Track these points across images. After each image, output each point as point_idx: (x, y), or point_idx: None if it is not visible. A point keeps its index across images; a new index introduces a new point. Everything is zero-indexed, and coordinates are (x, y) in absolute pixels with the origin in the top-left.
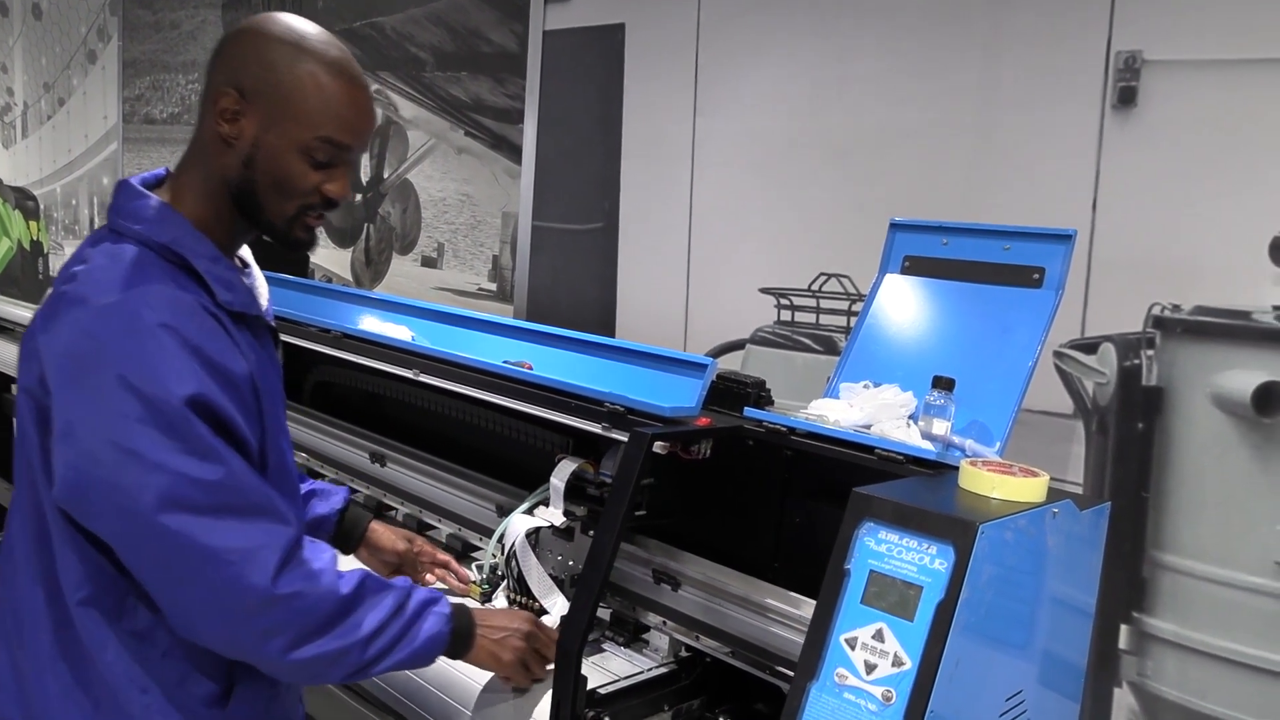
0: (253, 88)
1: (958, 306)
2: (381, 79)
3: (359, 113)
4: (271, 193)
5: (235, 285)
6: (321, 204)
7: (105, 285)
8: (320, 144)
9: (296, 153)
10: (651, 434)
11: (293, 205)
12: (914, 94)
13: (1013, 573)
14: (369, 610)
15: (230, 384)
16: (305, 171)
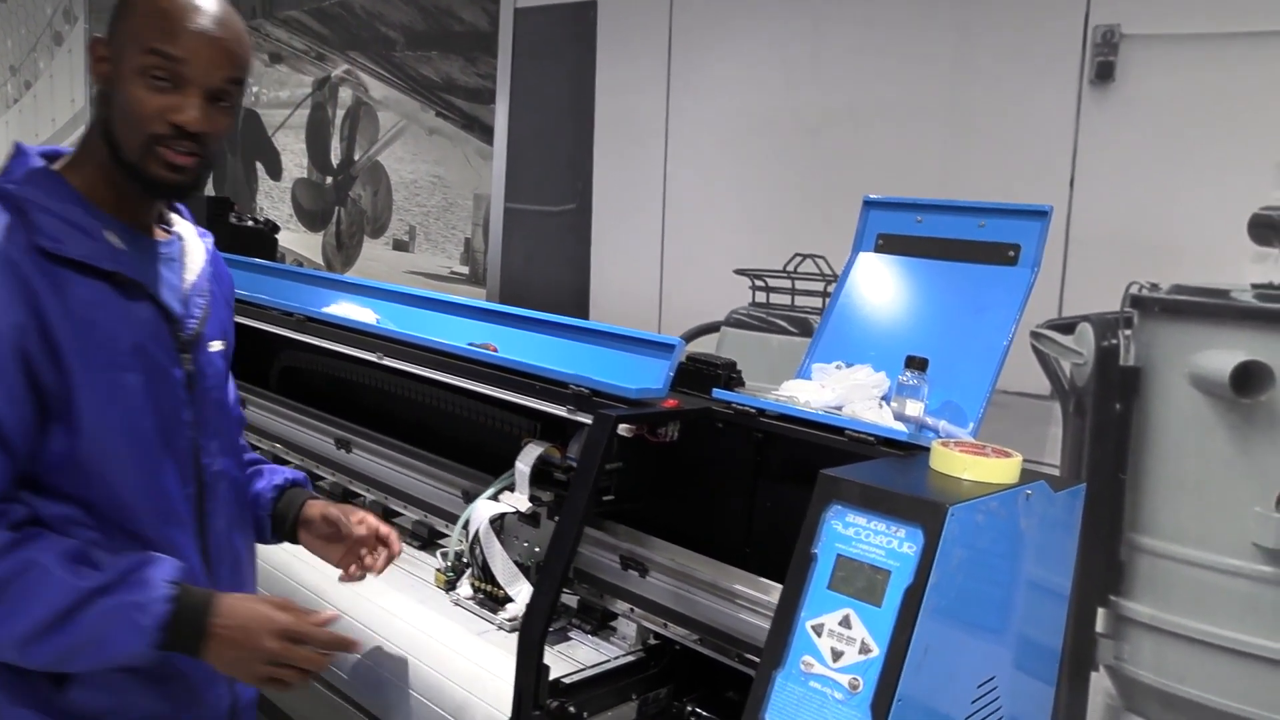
0: (110, 31)
1: (932, 285)
2: (351, 59)
3: (191, 23)
4: (123, 126)
5: (69, 236)
6: (172, 133)
7: None
8: (152, 57)
9: (136, 75)
10: (616, 416)
11: (140, 135)
12: (888, 70)
13: (984, 556)
14: (15, 613)
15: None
16: (147, 95)
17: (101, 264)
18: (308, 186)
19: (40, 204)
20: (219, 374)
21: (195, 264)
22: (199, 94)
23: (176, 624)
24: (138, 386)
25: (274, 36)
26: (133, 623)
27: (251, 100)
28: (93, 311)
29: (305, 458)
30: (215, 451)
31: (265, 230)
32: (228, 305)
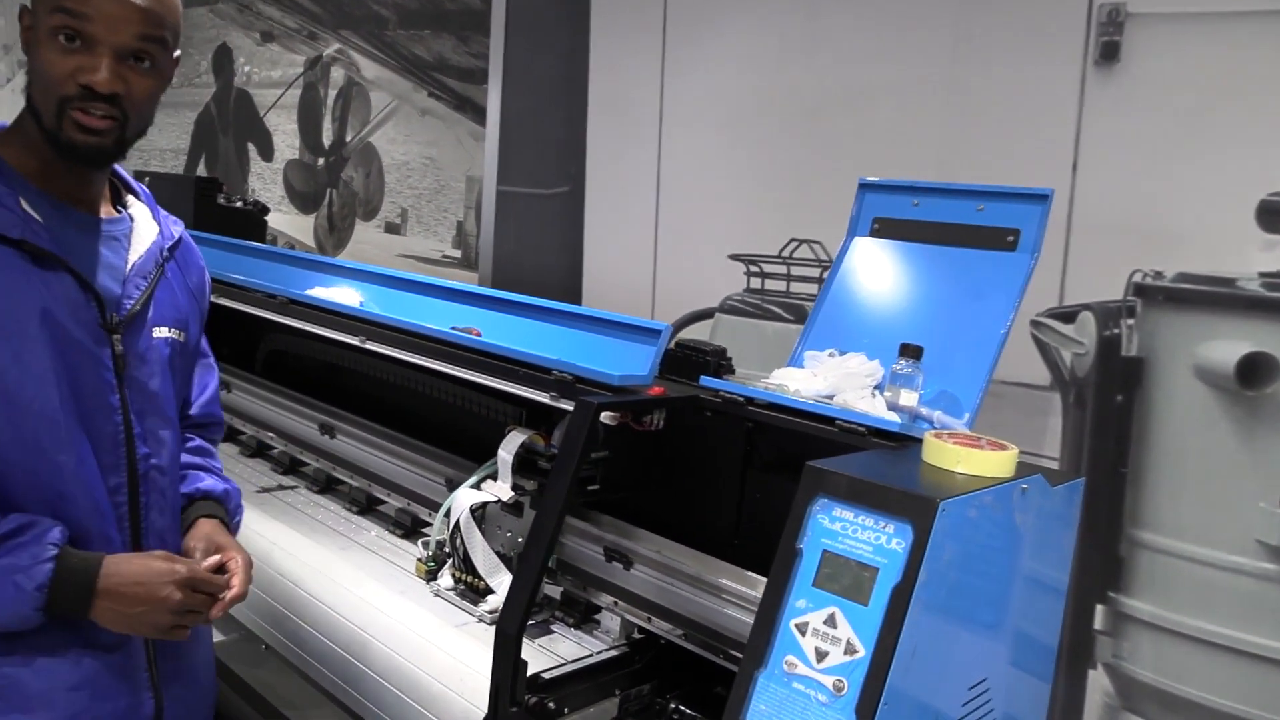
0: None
1: (928, 270)
2: (344, 38)
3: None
4: (39, 92)
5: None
6: (81, 94)
7: None
8: (58, 16)
9: (46, 39)
10: (598, 403)
11: (53, 98)
12: (885, 50)
13: (977, 552)
14: None
15: None
16: (56, 57)
17: (6, 231)
18: (299, 168)
19: None
20: (162, 361)
21: (142, 245)
22: (109, 53)
23: (60, 584)
24: (42, 358)
25: (266, 15)
26: (14, 586)
27: (244, 80)
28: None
29: (289, 443)
30: (156, 443)
31: (254, 211)
32: (193, 296)
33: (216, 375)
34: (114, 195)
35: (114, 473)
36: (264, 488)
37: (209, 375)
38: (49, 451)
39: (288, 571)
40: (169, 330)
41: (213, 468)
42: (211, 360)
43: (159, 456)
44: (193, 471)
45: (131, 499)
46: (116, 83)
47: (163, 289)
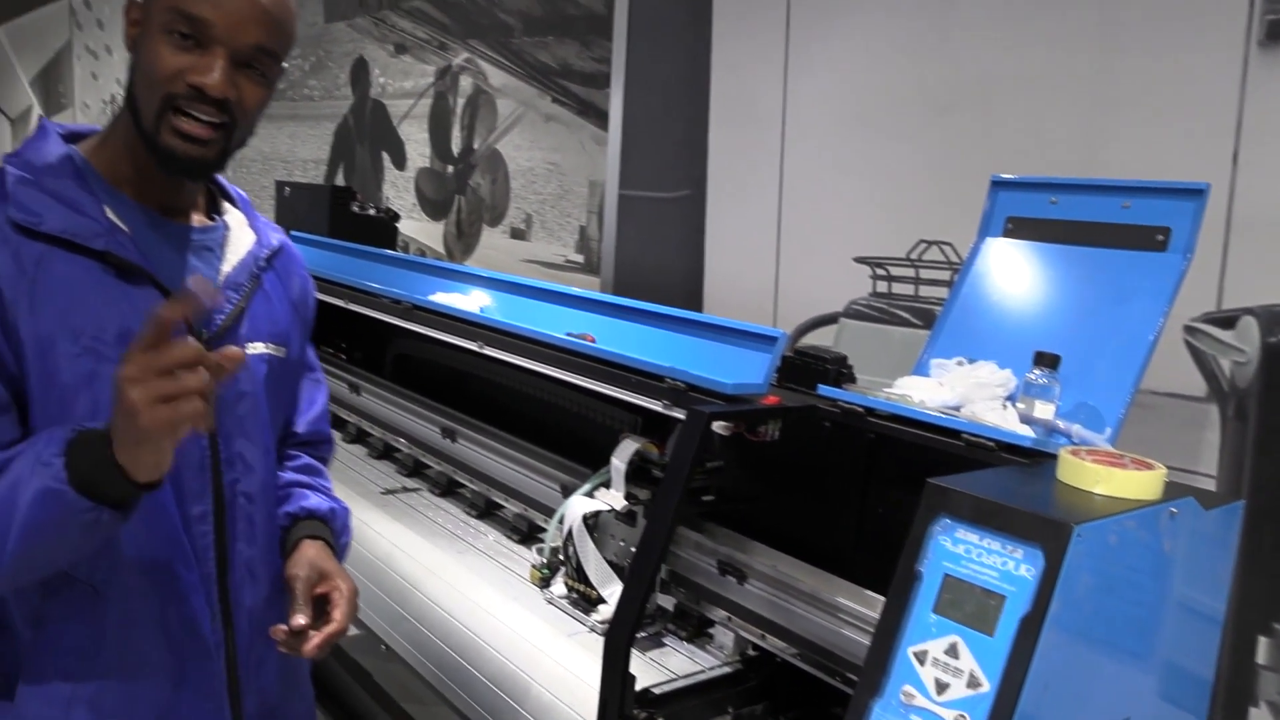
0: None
1: (1067, 273)
2: (472, 47)
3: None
4: (143, 90)
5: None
6: (188, 94)
7: None
8: (172, 15)
9: (159, 34)
10: (710, 412)
11: (157, 97)
12: (1023, 39)
13: (1117, 582)
14: None
15: None
16: (167, 53)
17: (89, 241)
18: (430, 175)
19: (25, 176)
20: (255, 379)
21: (236, 255)
22: (224, 55)
23: (79, 447)
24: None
25: (399, 27)
26: (38, 464)
27: (379, 91)
28: (70, 292)
29: (414, 446)
30: (246, 469)
31: (385, 219)
32: (294, 307)
33: (326, 390)
34: (209, 202)
35: (198, 500)
36: (388, 489)
37: (317, 391)
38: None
39: (407, 574)
40: (265, 346)
41: (320, 486)
42: (320, 375)
43: (248, 482)
44: (297, 489)
45: (218, 527)
46: (229, 87)
47: (258, 301)
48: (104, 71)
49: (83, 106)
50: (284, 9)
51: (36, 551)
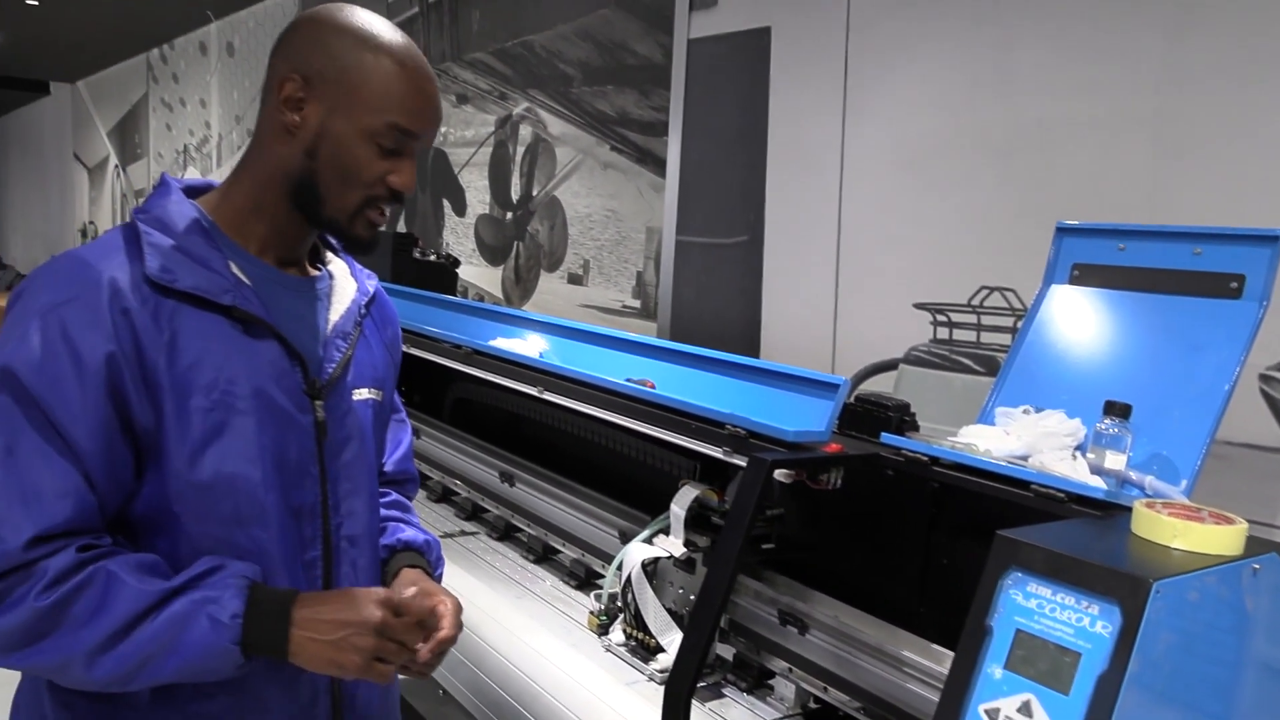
0: (318, 73)
1: (1137, 321)
2: (532, 97)
3: (426, 101)
4: (336, 182)
5: (181, 266)
6: (386, 196)
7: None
8: (388, 130)
9: (363, 139)
10: (771, 460)
11: (357, 195)
12: (1086, 83)
13: (1198, 640)
14: (85, 623)
15: (76, 363)
16: (372, 159)
17: (217, 297)
18: (489, 222)
19: (156, 233)
20: (361, 425)
21: (342, 304)
22: (414, 157)
23: (255, 612)
24: (248, 432)
25: (461, 78)
26: (208, 618)
27: (440, 140)
28: (201, 346)
29: (472, 489)
30: (350, 512)
31: (446, 265)
32: (388, 351)
33: (410, 430)
34: (313, 250)
35: (311, 546)
36: (447, 533)
37: (402, 431)
38: (248, 526)
39: (466, 619)
40: (369, 391)
41: (411, 522)
42: (404, 415)
43: (352, 526)
44: (392, 524)
45: (325, 572)
46: (414, 184)
47: (361, 348)
48: (177, 123)
49: (156, 156)
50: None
51: (180, 681)
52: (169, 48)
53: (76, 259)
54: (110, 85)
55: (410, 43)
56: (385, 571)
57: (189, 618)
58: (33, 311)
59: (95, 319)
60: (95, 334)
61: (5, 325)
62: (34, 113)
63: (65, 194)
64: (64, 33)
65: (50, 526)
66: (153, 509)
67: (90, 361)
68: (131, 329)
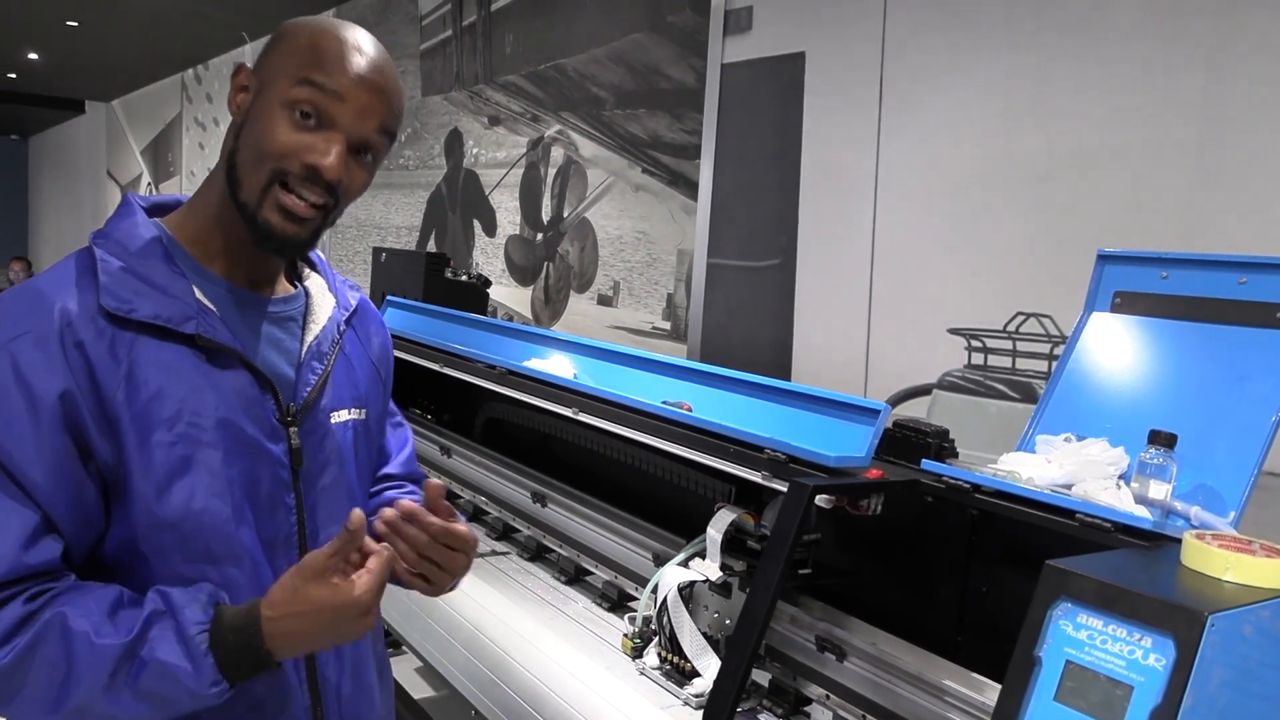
0: (259, 60)
1: (1180, 350)
2: (563, 119)
3: (353, 62)
4: (250, 161)
5: (149, 293)
6: (300, 173)
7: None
8: (302, 89)
9: (279, 107)
10: (813, 485)
11: (265, 170)
12: (1125, 110)
13: (1250, 677)
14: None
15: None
16: (286, 129)
17: (179, 326)
18: (520, 243)
19: (113, 259)
20: (340, 449)
21: (318, 323)
22: (343, 139)
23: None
24: (215, 465)
25: (494, 101)
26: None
27: (472, 161)
28: (163, 378)
29: (503, 509)
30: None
31: (477, 285)
32: (374, 365)
33: (410, 433)
34: (289, 266)
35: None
36: (478, 553)
37: (405, 433)
38: (220, 563)
39: (497, 638)
40: (349, 412)
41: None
42: (401, 419)
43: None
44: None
45: None
46: (343, 170)
47: (340, 368)
48: (211, 142)
49: (189, 175)
50: (401, 95)
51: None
52: (203, 68)
53: (30, 290)
54: (145, 104)
55: (359, 28)
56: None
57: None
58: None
59: (47, 354)
60: (48, 370)
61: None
62: (69, 131)
63: (98, 211)
64: (101, 53)
65: (7, 573)
66: (121, 549)
67: (44, 399)
68: (86, 362)
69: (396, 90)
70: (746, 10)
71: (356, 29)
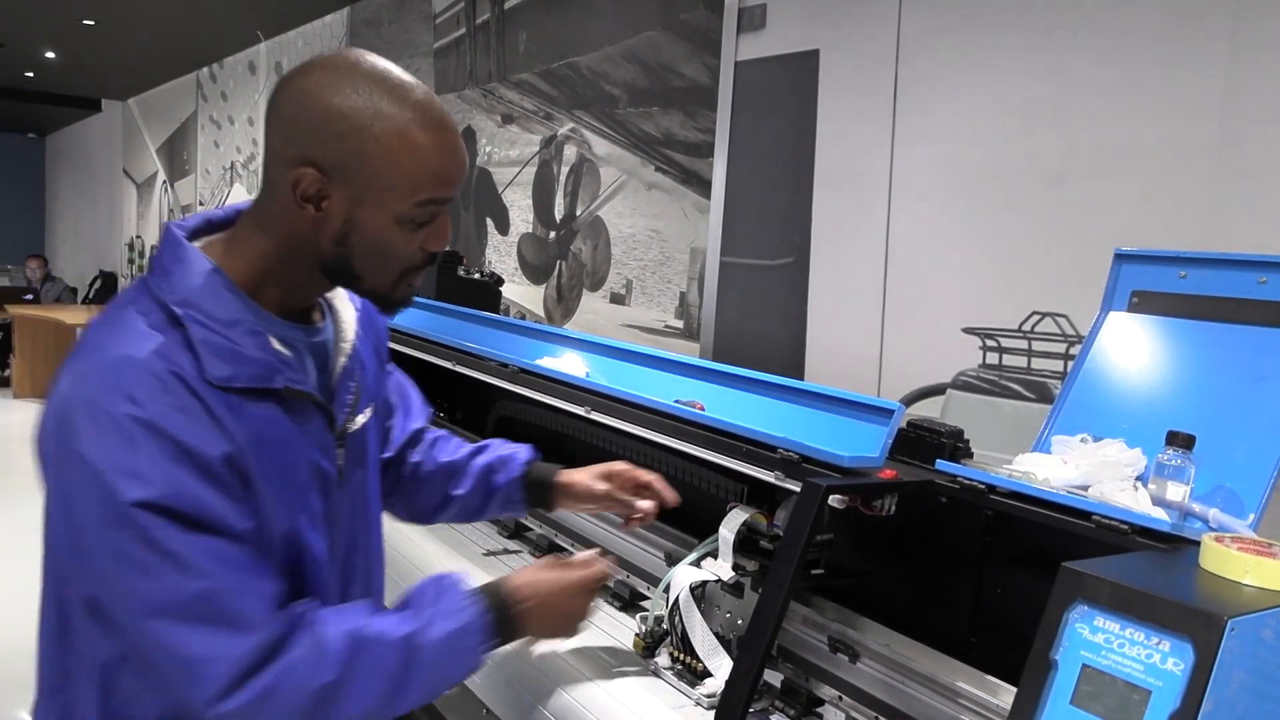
0: (334, 163)
1: (1199, 350)
2: (577, 117)
3: (456, 162)
4: (371, 263)
5: (242, 356)
6: (424, 262)
7: (96, 346)
8: (421, 208)
9: (396, 223)
10: (826, 485)
11: (396, 270)
12: (1142, 109)
13: (1270, 682)
14: (364, 683)
15: (202, 468)
16: (407, 238)
17: (269, 383)
18: (532, 241)
19: (203, 323)
20: (369, 452)
21: (347, 342)
22: (446, 213)
23: (496, 629)
24: (314, 506)
25: (507, 99)
26: (467, 650)
27: (484, 159)
28: (266, 430)
29: None
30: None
31: (490, 283)
32: (378, 357)
33: (401, 374)
34: None
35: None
36: (489, 551)
37: (399, 377)
38: (318, 595)
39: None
40: (368, 413)
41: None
42: (395, 370)
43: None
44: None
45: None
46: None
47: (361, 375)
48: (225, 140)
49: (204, 172)
50: None
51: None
52: (218, 67)
53: (130, 362)
54: (160, 103)
55: (425, 94)
56: (540, 486)
57: (447, 655)
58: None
59: (194, 418)
60: (209, 434)
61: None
62: (86, 129)
63: (114, 209)
64: (118, 52)
65: (274, 599)
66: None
67: (214, 464)
68: (221, 424)
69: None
70: (760, 8)
71: (435, 106)
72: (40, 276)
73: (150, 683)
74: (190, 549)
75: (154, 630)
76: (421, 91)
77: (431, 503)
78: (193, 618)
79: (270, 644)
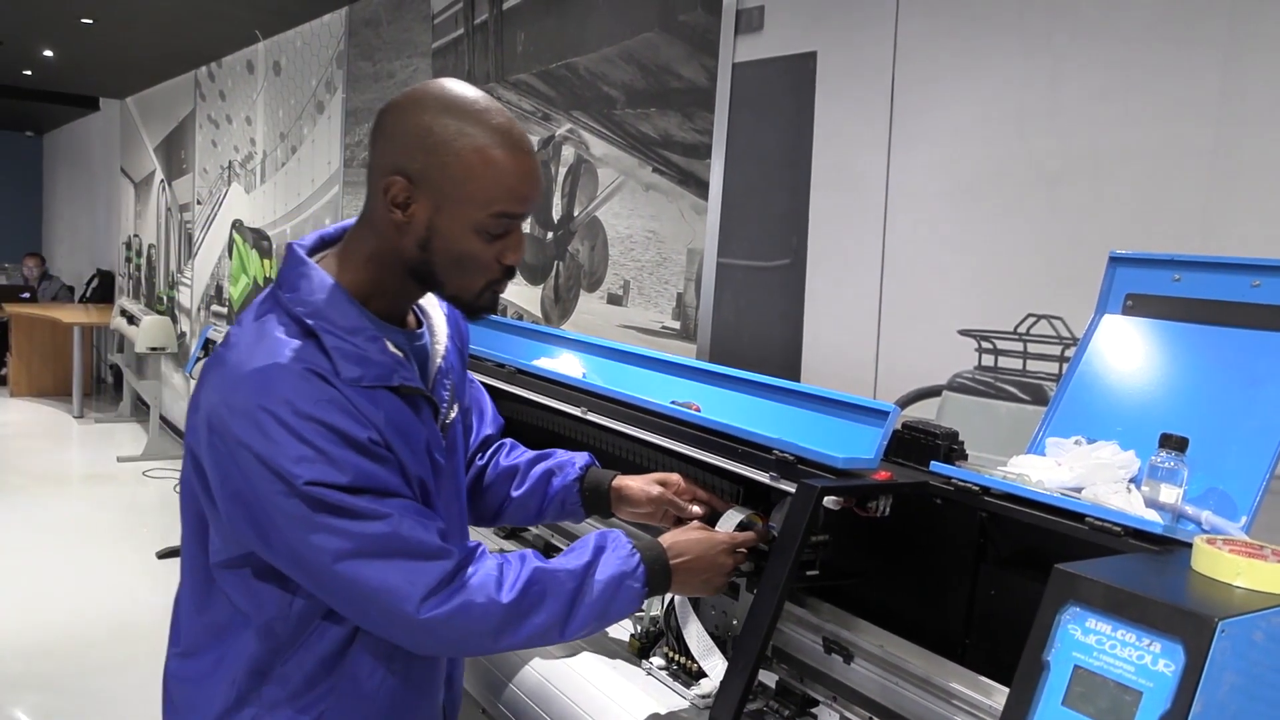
0: (420, 172)
1: (1192, 353)
2: (574, 118)
3: (530, 181)
4: (453, 272)
5: (367, 359)
6: (503, 274)
7: (244, 355)
8: (496, 220)
9: (473, 232)
10: (821, 486)
11: (478, 281)
12: (1138, 112)
13: (1260, 684)
14: (540, 610)
15: (357, 446)
16: (484, 248)
17: (389, 381)
18: (530, 242)
19: (332, 331)
20: (459, 442)
21: (441, 343)
22: (520, 227)
23: (652, 578)
24: (433, 490)
25: (504, 99)
26: (629, 591)
27: None
28: (400, 421)
29: None
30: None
31: None
32: (461, 357)
33: (478, 382)
34: None
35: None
36: None
37: (477, 386)
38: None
39: None
40: (457, 409)
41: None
42: (472, 379)
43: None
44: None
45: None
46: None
47: (453, 375)
48: (223, 139)
49: (201, 171)
50: None
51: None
52: (216, 66)
53: (276, 369)
54: (158, 102)
55: (507, 119)
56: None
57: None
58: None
59: (346, 411)
60: (358, 423)
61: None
62: (84, 128)
63: (112, 208)
64: (116, 51)
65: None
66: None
67: (361, 439)
68: (366, 415)
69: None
70: (758, 9)
71: (515, 130)
72: (37, 275)
73: (355, 615)
74: (363, 505)
75: (349, 571)
76: (503, 116)
77: (494, 505)
78: (381, 554)
79: (456, 567)
